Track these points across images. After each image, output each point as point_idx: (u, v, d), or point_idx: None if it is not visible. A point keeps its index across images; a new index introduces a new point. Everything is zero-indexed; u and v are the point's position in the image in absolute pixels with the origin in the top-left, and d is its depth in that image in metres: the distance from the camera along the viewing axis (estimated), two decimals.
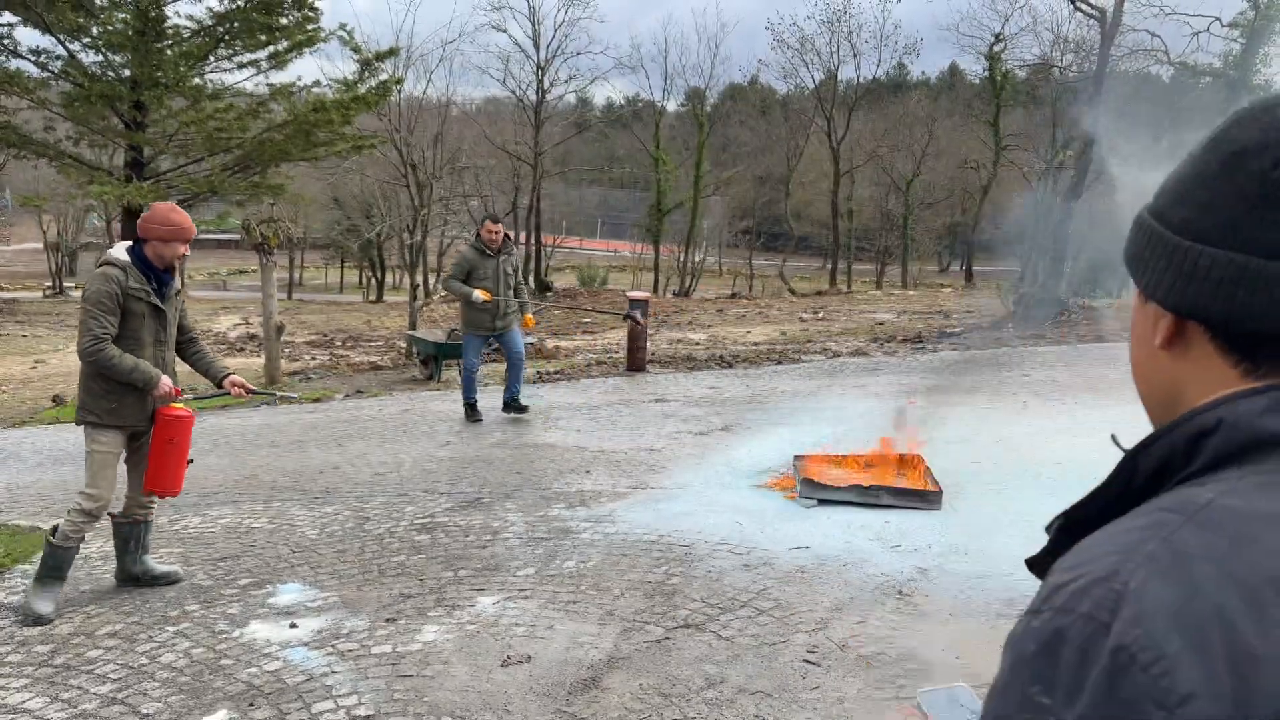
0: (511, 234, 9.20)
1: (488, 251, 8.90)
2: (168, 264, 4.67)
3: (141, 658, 4.09)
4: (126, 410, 4.61)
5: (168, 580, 4.94)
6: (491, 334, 9.04)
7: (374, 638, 4.20)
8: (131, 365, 4.48)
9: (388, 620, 4.38)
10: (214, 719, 3.55)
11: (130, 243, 4.69)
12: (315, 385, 12.73)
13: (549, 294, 32.03)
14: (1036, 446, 7.41)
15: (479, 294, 8.72)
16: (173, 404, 4.70)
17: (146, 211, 4.71)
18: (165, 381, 4.61)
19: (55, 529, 4.66)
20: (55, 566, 4.62)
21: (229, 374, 4.94)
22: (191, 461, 4.90)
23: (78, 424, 4.68)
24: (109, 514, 4.84)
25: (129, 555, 4.92)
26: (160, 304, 4.65)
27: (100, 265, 4.62)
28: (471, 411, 9.20)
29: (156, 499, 4.95)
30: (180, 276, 4.93)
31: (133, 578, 4.93)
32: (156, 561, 5.05)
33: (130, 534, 4.90)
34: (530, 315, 9.54)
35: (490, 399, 9.67)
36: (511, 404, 9.24)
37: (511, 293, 9.06)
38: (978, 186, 44.98)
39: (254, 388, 5.03)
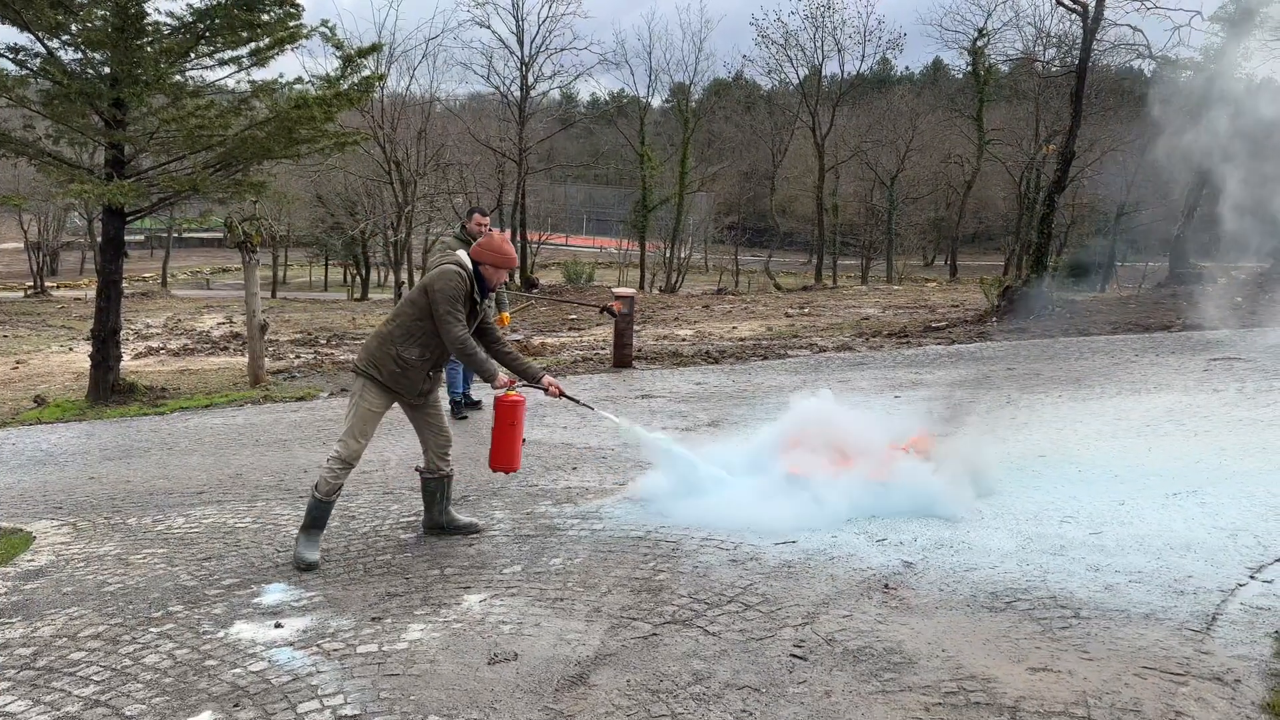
0: (495, 231, 9.15)
1: (472, 244, 8.97)
2: (493, 286, 5.42)
3: (125, 659, 4.06)
4: (407, 382, 5.21)
5: (470, 530, 5.53)
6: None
7: (360, 637, 4.18)
8: (483, 358, 5.23)
9: (374, 619, 4.36)
10: None
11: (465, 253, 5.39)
12: (300, 384, 12.67)
13: (535, 290, 31.98)
14: (1020, 439, 7.44)
15: None
16: (507, 392, 5.38)
17: (486, 238, 5.49)
18: (502, 375, 5.31)
19: (317, 483, 5.17)
20: (317, 518, 5.15)
21: (543, 375, 5.57)
22: (525, 441, 5.72)
23: (359, 374, 5.26)
24: (416, 469, 5.54)
25: (436, 507, 5.51)
26: (479, 308, 5.37)
27: (447, 263, 5.28)
28: (457, 409, 9.18)
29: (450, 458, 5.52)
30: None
31: (439, 527, 5.52)
32: (459, 513, 5.66)
33: (436, 488, 5.47)
34: (507, 314, 9.56)
35: (485, 394, 9.65)
36: (463, 400, 9.34)
37: None
38: (961, 181, 45.18)
39: (568, 394, 5.75)
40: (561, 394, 5.58)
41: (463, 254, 5.38)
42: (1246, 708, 3.39)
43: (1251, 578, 4.55)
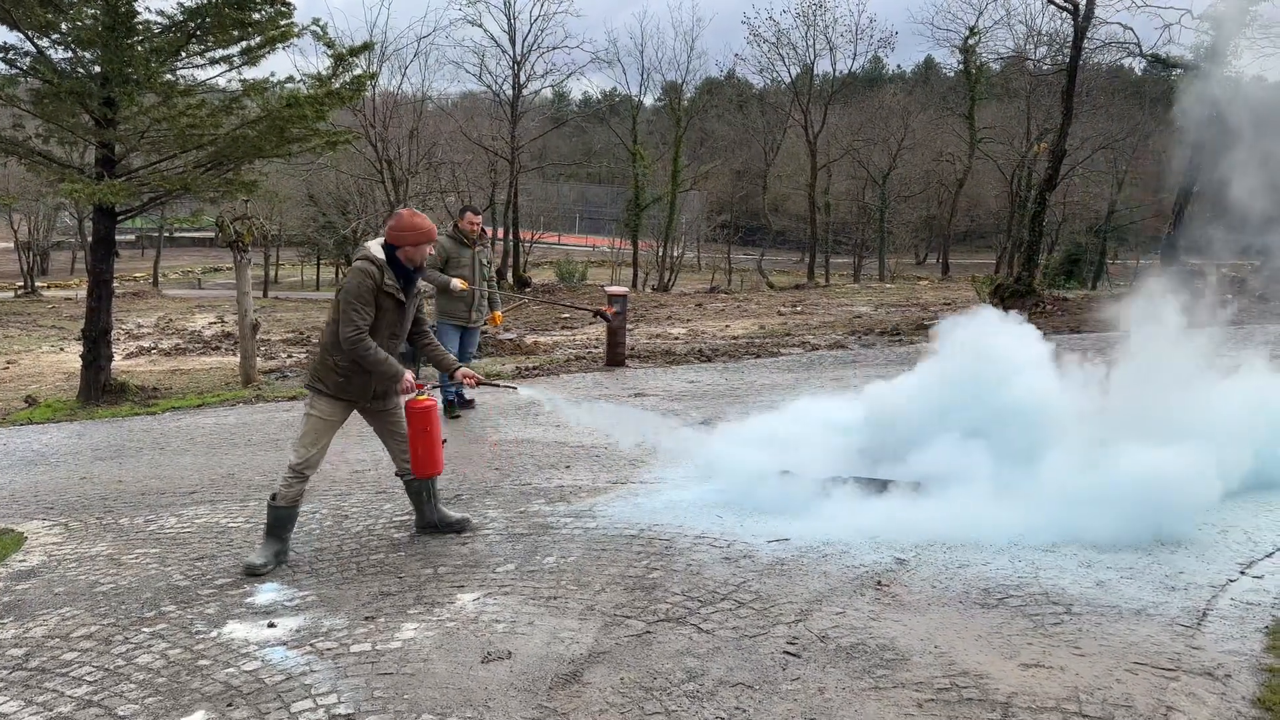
0: (488, 229, 9.13)
1: (465, 241, 8.96)
2: (417, 265, 5.12)
3: (118, 659, 4.05)
4: (352, 387, 5.11)
5: (462, 527, 5.50)
6: (466, 325, 9.06)
7: (353, 636, 4.18)
8: (381, 359, 4.98)
9: (367, 618, 4.36)
10: None
11: (382, 241, 5.13)
12: (291, 383, 12.65)
13: (527, 290, 31.95)
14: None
15: (457, 283, 8.76)
16: (416, 397, 5.19)
17: (393, 220, 5.16)
18: (408, 376, 5.09)
19: (275, 492, 5.13)
20: (274, 526, 5.11)
21: (460, 366, 5.43)
22: (445, 441, 5.48)
23: (306, 388, 5.23)
24: (397, 474, 5.51)
25: (425, 506, 5.49)
26: (404, 300, 5.12)
27: (356, 260, 5.10)
28: (450, 408, 9.17)
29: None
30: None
31: (431, 525, 5.49)
32: (450, 510, 5.63)
33: (420, 488, 5.44)
34: (499, 313, 9.56)
35: (477, 394, 9.64)
36: (455, 400, 9.29)
37: (486, 285, 9.15)
38: (953, 179, 45.27)
39: (483, 379, 5.51)
40: (479, 382, 5.52)
41: (373, 245, 5.13)
42: (1237, 702, 3.41)
43: (1242, 573, 4.58)
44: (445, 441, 5.48)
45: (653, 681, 3.68)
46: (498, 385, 6.32)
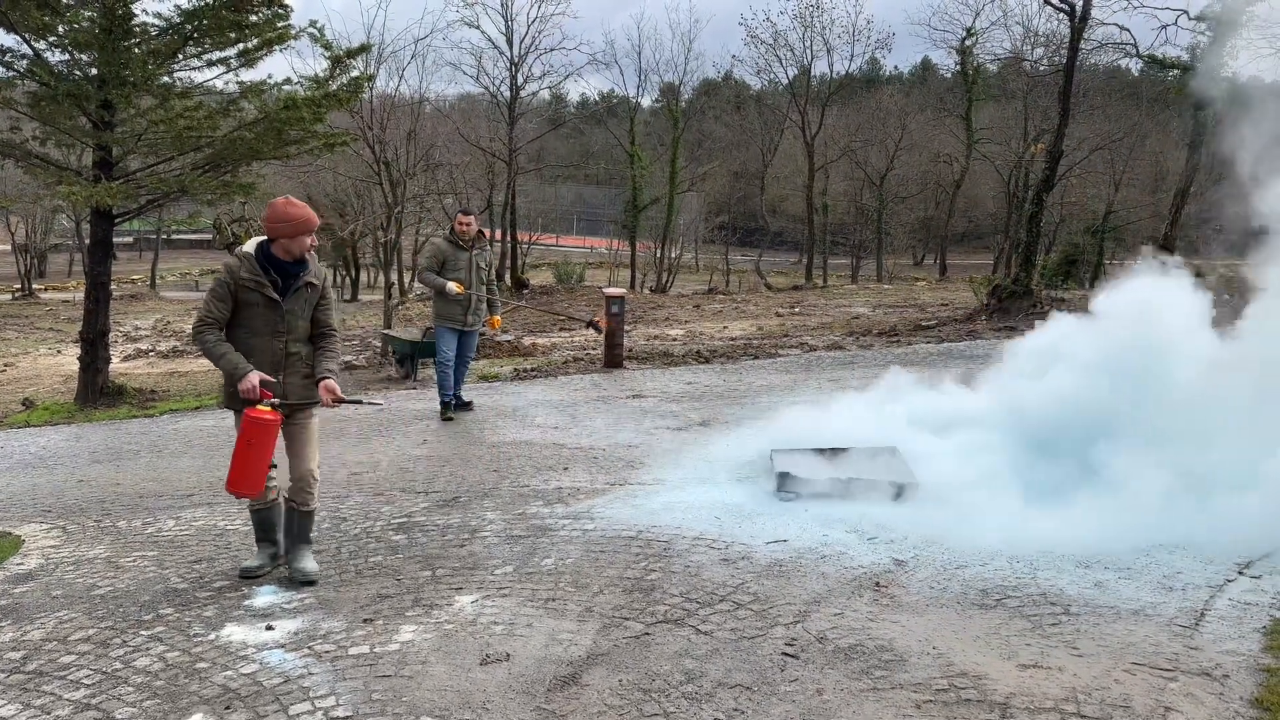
0: (486, 231, 9.11)
1: (461, 244, 8.92)
2: (296, 257, 4.79)
3: (115, 663, 4.05)
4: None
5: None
6: (463, 328, 8.99)
7: (351, 638, 4.17)
8: (220, 354, 4.66)
9: (365, 621, 4.36)
10: None
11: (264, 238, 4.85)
12: None
13: (525, 291, 31.94)
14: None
15: (453, 286, 8.73)
16: (259, 405, 4.64)
17: (266, 211, 4.86)
18: (251, 379, 4.62)
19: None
20: (255, 528, 5.12)
21: (325, 378, 4.91)
22: (274, 465, 4.88)
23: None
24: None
25: (288, 538, 5.08)
26: (275, 296, 4.74)
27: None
28: (446, 410, 9.15)
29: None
30: (318, 269, 5.01)
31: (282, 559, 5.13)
32: (307, 559, 4.99)
33: (291, 514, 5.04)
34: (498, 316, 9.51)
35: (476, 396, 9.64)
36: (455, 403, 9.25)
37: (484, 288, 9.09)
38: (950, 180, 45.29)
39: (343, 395, 4.99)
40: (337, 399, 4.90)
41: (250, 243, 4.86)
42: (1235, 703, 3.42)
43: (1240, 573, 4.58)
44: (274, 466, 4.87)
45: (651, 683, 3.68)
46: (360, 402, 5.98)
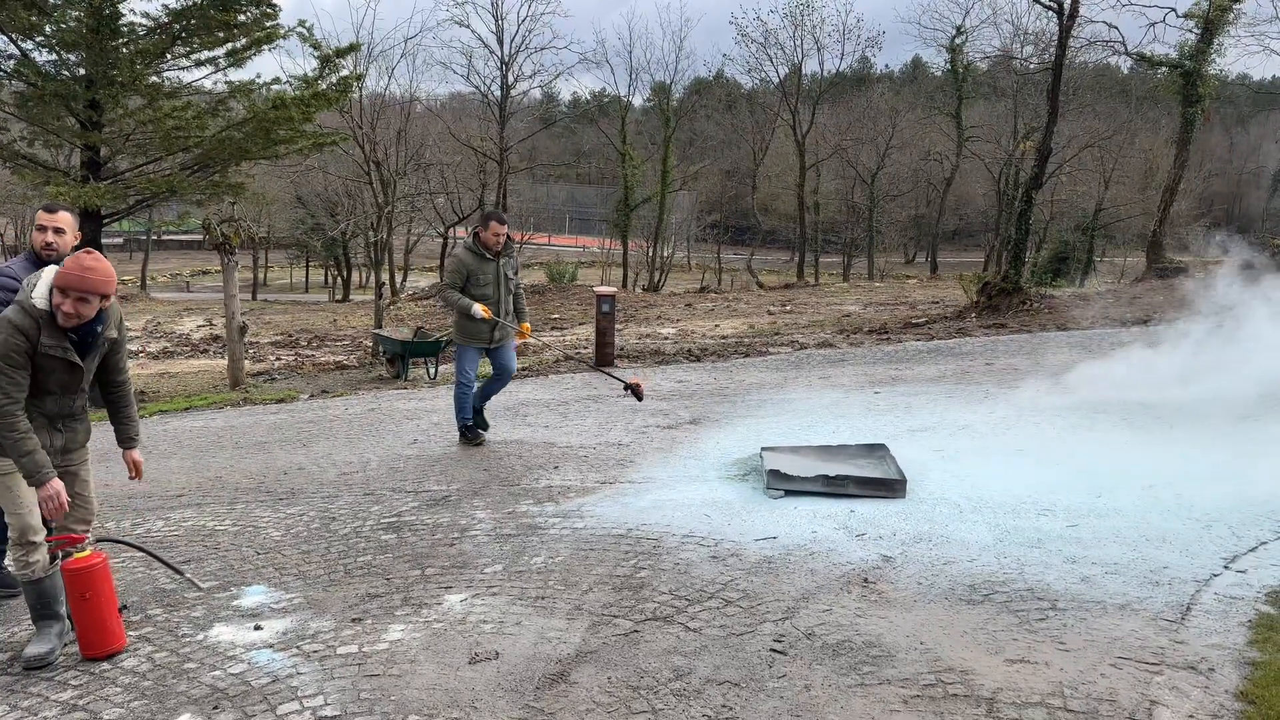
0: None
1: (487, 255, 7.77)
2: (84, 319, 3.96)
3: (103, 663, 4.04)
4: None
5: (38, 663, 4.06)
6: (489, 346, 7.92)
7: (340, 638, 4.17)
8: (26, 450, 3.89)
9: (354, 620, 4.35)
10: None
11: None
12: (279, 386, 12.61)
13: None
14: (999, 433, 7.50)
15: (479, 309, 7.64)
16: (76, 555, 4.04)
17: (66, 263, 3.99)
18: (53, 487, 3.94)
19: (18, 574, 4.16)
20: (34, 604, 4.16)
21: (134, 446, 4.40)
22: (125, 609, 4.32)
23: None
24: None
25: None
26: (78, 360, 4.03)
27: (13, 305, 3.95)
28: (469, 433, 8.07)
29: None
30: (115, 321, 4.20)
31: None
32: (39, 638, 4.14)
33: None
34: (527, 324, 8.31)
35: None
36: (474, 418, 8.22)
37: (512, 299, 8.00)
38: (941, 178, 45.43)
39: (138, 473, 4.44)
40: (139, 475, 4.48)
41: (38, 287, 3.94)
42: (1220, 696, 3.43)
43: (1226, 568, 4.61)
44: (125, 609, 4.32)
45: (640, 680, 3.68)
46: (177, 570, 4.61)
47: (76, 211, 4.78)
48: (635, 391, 7.81)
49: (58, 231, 4.60)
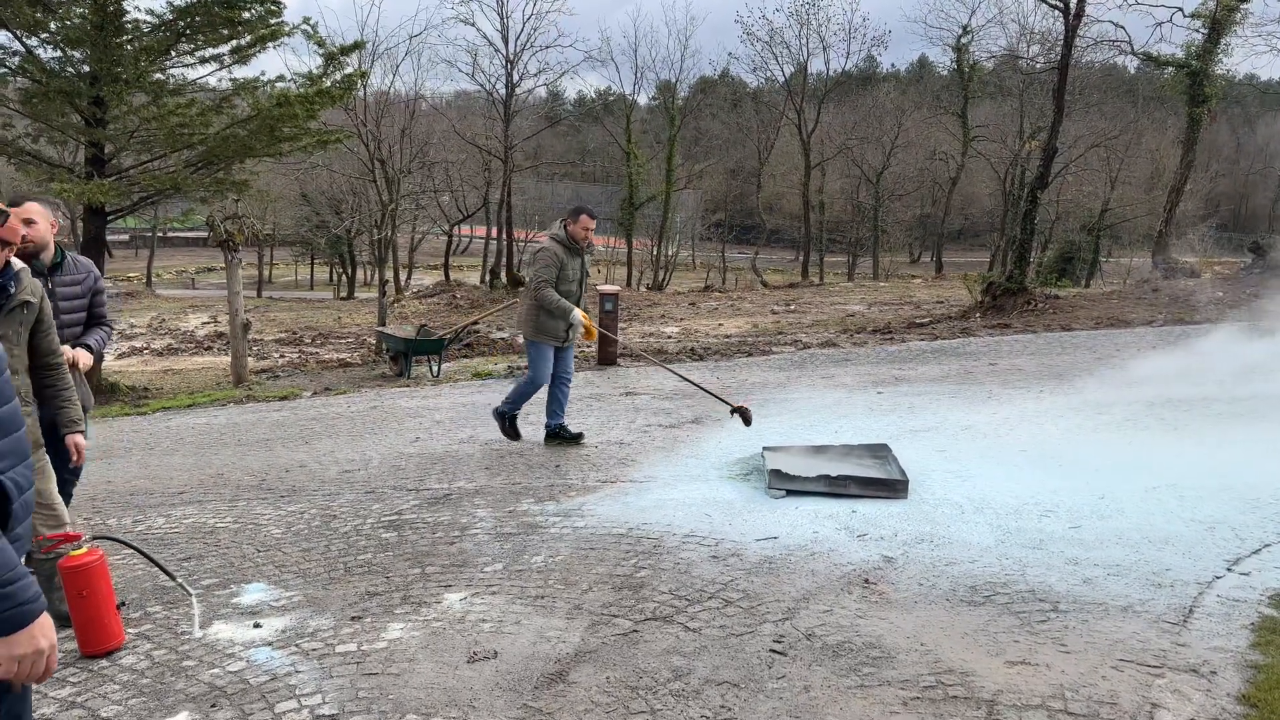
0: (480, 229, 7.01)
1: (575, 249, 7.52)
2: None
3: (101, 660, 4.03)
4: None
5: None
6: (563, 344, 7.60)
7: (339, 636, 4.16)
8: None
9: (353, 618, 4.34)
10: None
11: None
12: (283, 383, 12.62)
13: (521, 290, 31.88)
14: (1002, 434, 7.48)
15: (579, 315, 7.34)
16: (72, 552, 3.97)
17: None
18: (60, 517, 3.80)
19: None
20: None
21: (75, 431, 4.24)
22: (123, 605, 4.32)
23: None
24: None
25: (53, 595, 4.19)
26: None
27: None
28: (512, 424, 7.92)
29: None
30: (32, 280, 3.88)
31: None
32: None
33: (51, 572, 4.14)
34: (595, 325, 7.89)
35: (469, 394, 9.62)
36: (560, 432, 7.85)
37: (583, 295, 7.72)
38: (946, 178, 45.35)
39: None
40: (80, 460, 4.39)
41: None
42: (1222, 699, 3.41)
43: (1228, 570, 4.58)
44: (123, 606, 4.34)
45: (639, 680, 3.67)
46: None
47: (51, 203, 4.60)
48: (743, 415, 7.39)
49: (28, 222, 4.45)
